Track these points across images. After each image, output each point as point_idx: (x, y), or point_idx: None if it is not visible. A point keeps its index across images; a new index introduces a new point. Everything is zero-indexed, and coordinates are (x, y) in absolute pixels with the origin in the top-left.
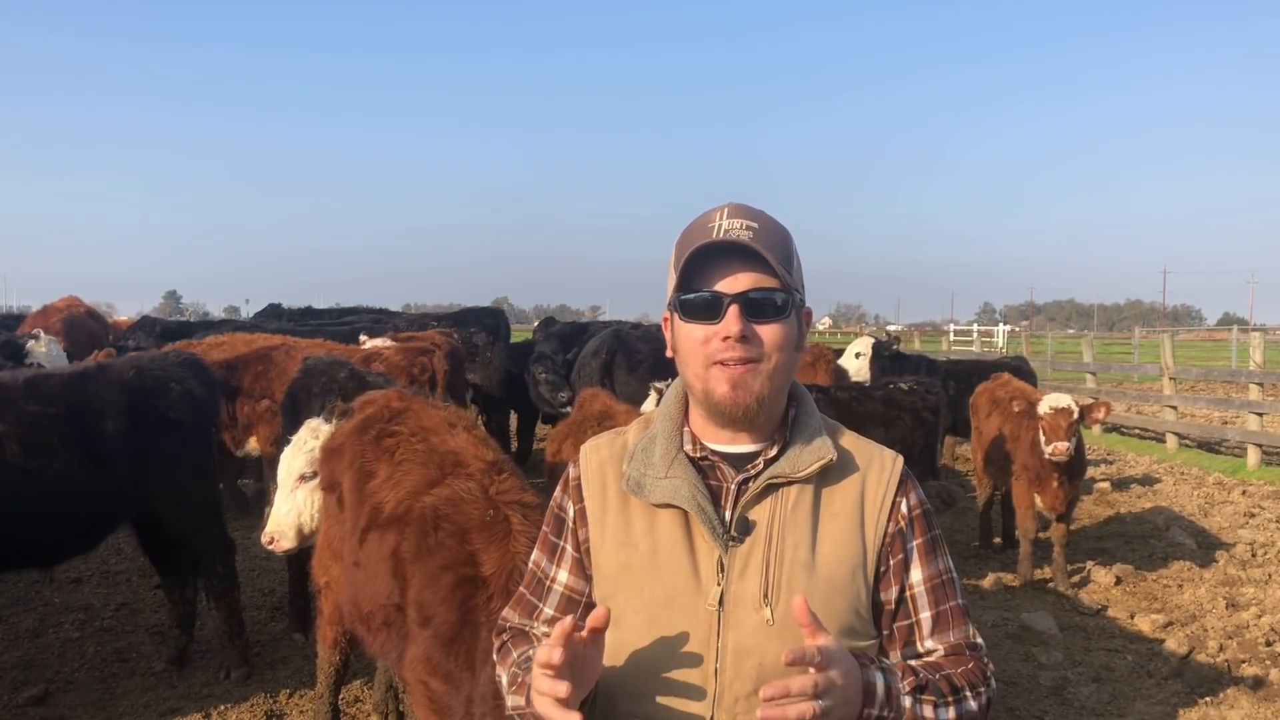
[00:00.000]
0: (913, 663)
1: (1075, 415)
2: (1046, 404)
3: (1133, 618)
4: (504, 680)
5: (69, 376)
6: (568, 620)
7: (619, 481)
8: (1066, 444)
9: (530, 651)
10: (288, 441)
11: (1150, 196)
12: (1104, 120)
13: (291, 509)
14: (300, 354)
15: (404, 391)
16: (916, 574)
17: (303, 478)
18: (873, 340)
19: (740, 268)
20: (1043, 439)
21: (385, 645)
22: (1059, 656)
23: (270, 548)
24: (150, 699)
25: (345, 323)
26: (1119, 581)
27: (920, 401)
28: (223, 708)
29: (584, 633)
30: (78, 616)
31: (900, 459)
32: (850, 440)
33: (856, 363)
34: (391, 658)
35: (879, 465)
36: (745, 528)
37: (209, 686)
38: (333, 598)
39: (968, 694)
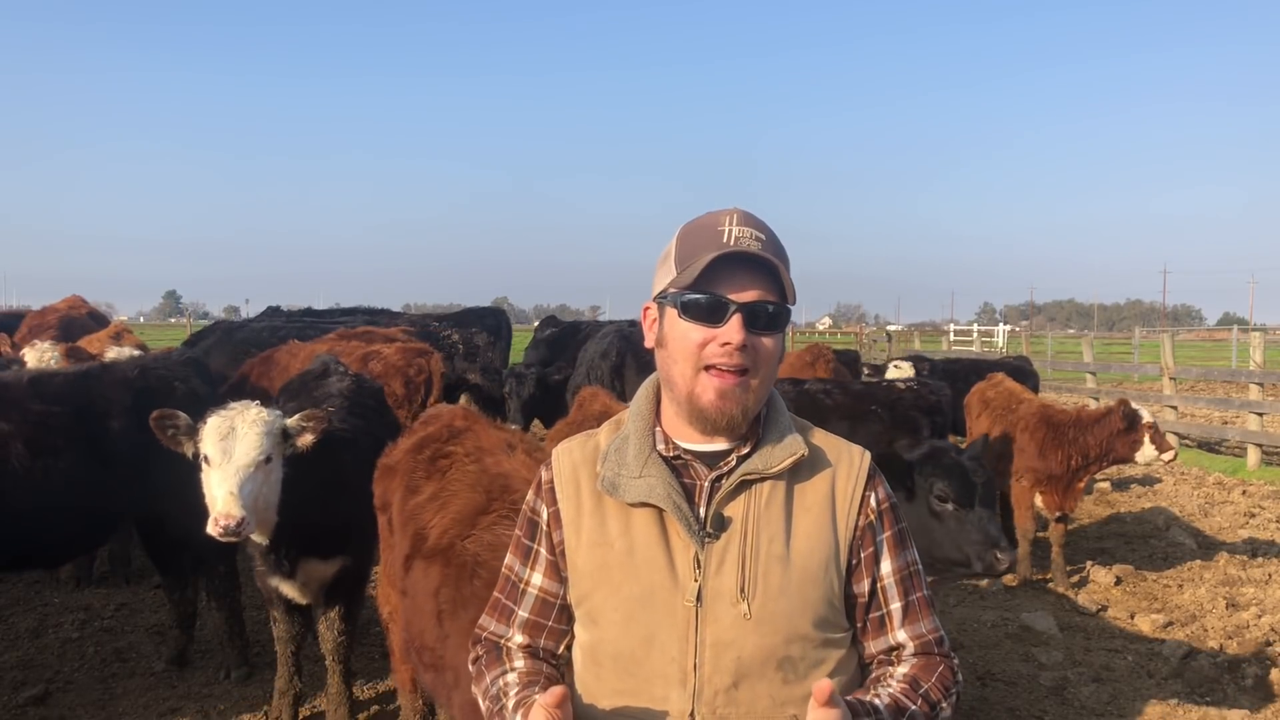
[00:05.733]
0: (900, 692)
1: None
2: (1148, 414)
3: (1133, 618)
4: (483, 704)
5: (73, 376)
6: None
7: (593, 482)
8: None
9: (504, 679)
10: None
11: (1150, 196)
12: (1104, 120)
13: (253, 489)
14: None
15: (470, 410)
16: (887, 566)
17: (266, 460)
18: (912, 363)
19: (748, 278)
20: (1153, 449)
21: (435, 688)
22: (1059, 656)
23: (235, 532)
24: (150, 699)
25: (341, 323)
26: (1119, 581)
27: (921, 401)
28: (222, 708)
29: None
30: (78, 616)
31: (868, 454)
32: (819, 436)
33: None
34: (442, 702)
35: (848, 460)
36: (721, 524)
37: (209, 686)
38: (399, 631)
39: (943, 705)
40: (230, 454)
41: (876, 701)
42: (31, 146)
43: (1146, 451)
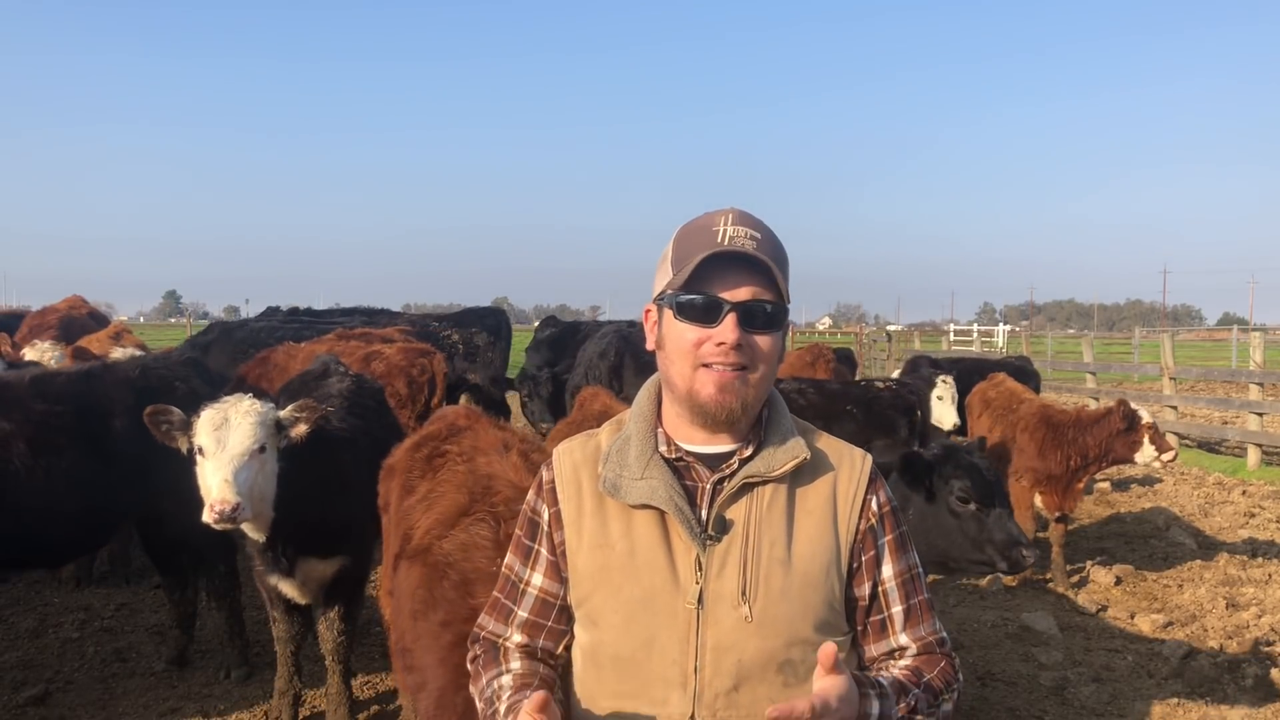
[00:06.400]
0: (902, 676)
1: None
2: (1148, 414)
3: (1133, 618)
4: (479, 705)
5: (75, 375)
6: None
7: (594, 483)
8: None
9: (498, 682)
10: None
11: (1150, 196)
12: (1104, 120)
13: (249, 478)
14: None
15: (474, 409)
16: (888, 569)
17: (261, 449)
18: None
19: (742, 277)
20: (1154, 449)
21: (412, 690)
22: (1059, 656)
23: (231, 518)
24: (150, 699)
25: (340, 323)
26: (1119, 581)
27: (900, 402)
28: (222, 708)
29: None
30: (78, 616)
31: (869, 457)
32: (821, 439)
33: (942, 405)
34: (415, 705)
35: (849, 464)
36: (723, 526)
37: (209, 686)
38: None
39: (945, 698)
40: (224, 443)
41: (880, 678)
42: (31, 146)
43: (1146, 452)
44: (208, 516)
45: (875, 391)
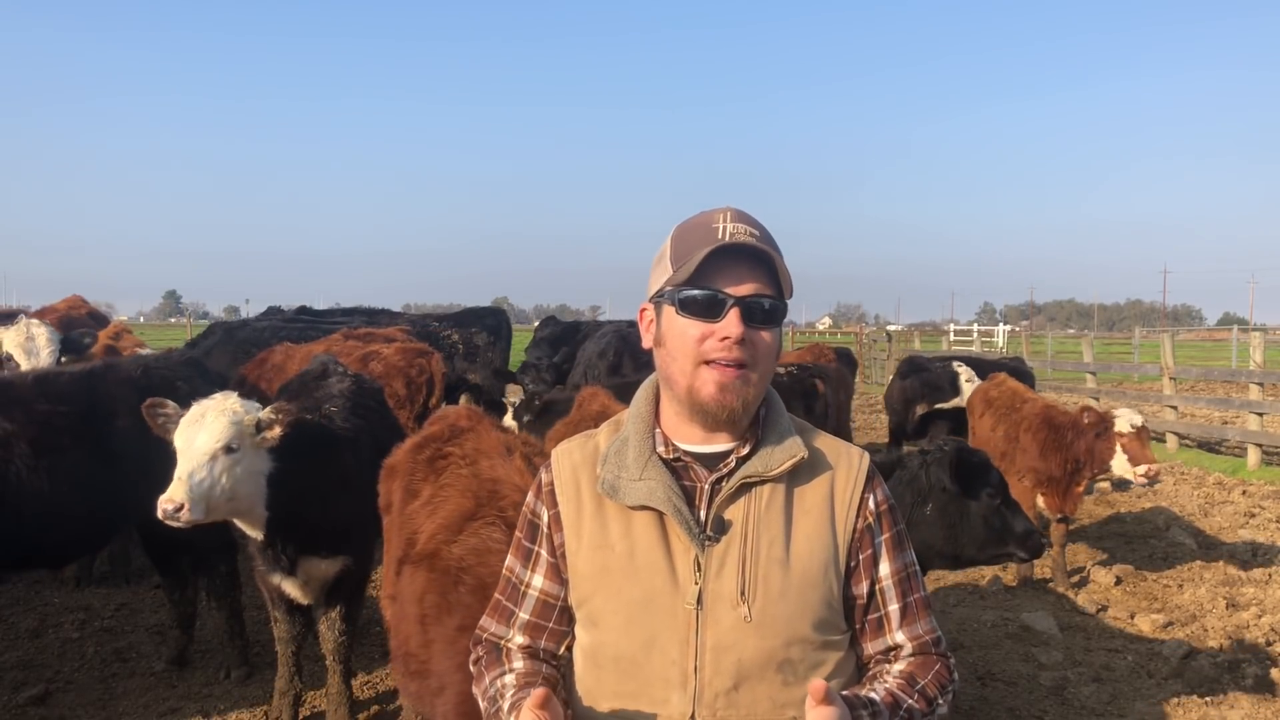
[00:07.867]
0: (896, 687)
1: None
2: (1127, 423)
3: (1133, 618)
4: (482, 705)
5: (78, 375)
6: (539, 692)
7: (593, 485)
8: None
9: (501, 681)
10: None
11: (1150, 196)
12: (1104, 119)
13: (206, 478)
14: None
15: (475, 410)
16: (885, 568)
17: (228, 449)
18: (969, 367)
19: (744, 273)
20: (1127, 460)
21: (420, 696)
22: (1059, 656)
23: (174, 516)
24: (150, 699)
25: (342, 323)
26: (1119, 581)
27: (798, 385)
28: (222, 708)
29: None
30: (78, 616)
31: (866, 456)
32: (818, 438)
33: (971, 385)
34: (425, 711)
35: (846, 462)
36: (721, 527)
37: (209, 686)
38: None
39: (940, 701)
40: (192, 441)
41: (873, 695)
42: (30, 146)
43: (1119, 462)
44: (157, 512)
45: (775, 379)
